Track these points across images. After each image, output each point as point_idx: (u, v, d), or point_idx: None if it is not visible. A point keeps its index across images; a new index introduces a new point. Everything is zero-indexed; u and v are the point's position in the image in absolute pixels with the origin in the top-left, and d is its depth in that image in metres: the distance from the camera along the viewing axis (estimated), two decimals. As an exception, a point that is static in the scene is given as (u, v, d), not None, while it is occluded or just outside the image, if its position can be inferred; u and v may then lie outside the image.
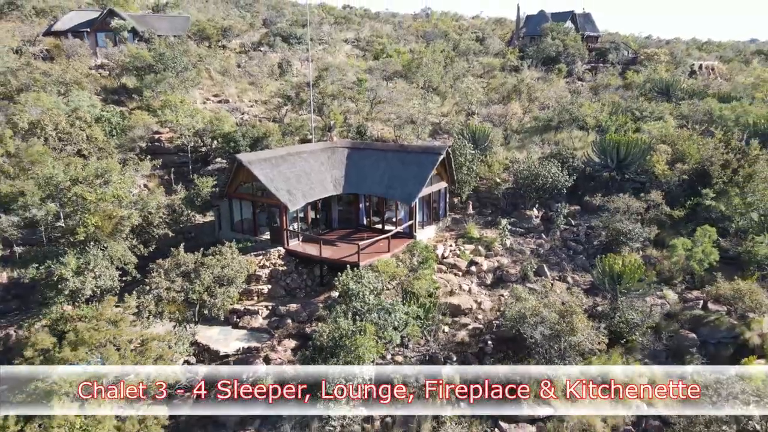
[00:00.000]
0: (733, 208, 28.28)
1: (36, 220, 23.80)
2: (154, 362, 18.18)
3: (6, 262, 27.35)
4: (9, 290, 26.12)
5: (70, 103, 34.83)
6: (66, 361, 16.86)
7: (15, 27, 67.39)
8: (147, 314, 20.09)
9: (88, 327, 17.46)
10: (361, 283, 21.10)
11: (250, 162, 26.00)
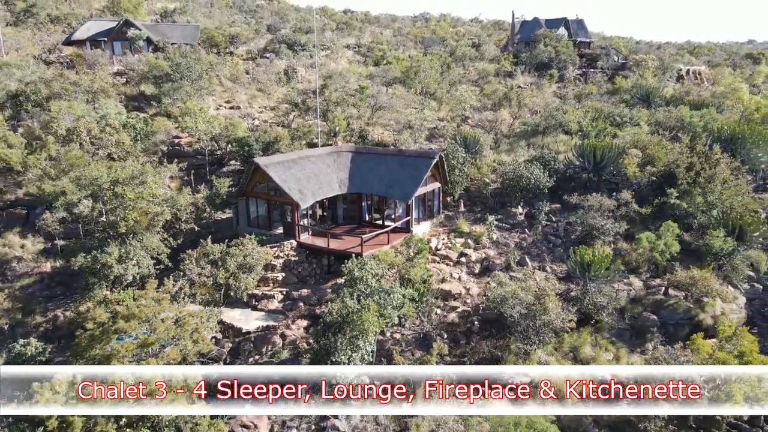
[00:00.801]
0: (696, 207, 31.71)
1: (81, 216, 27.17)
2: (191, 335, 21.64)
3: (49, 254, 30.81)
4: (53, 278, 29.53)
5: (99, 110, 38.27)
6: (121, 331, 20.34)
7: (33, 35, 70.94)
8: (182, 295, 23.54)
9: (137, 304, 20.93)
10: (365, 269, 24.55)
11: (266, 165, 29.48)
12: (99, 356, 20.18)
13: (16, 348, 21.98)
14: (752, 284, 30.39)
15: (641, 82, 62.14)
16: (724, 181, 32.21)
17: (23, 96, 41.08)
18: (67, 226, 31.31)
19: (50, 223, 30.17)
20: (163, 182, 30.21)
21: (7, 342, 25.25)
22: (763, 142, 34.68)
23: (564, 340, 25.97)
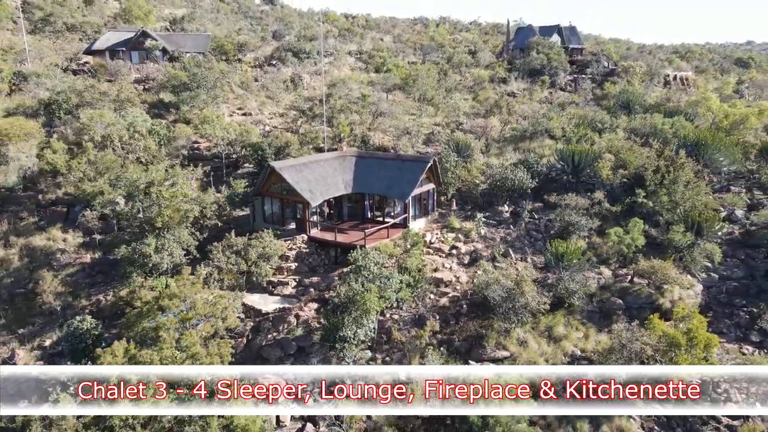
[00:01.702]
0: (662, 205, 35.73)
1: (120, 213, 31.19)
2: (221, 313, 25.66)
3: (88, 247, 34.85)
4: (93, 268, 33.55)
5: (126, 118, 42.29)
6: (165, 308, 24.37)
7: (53, 44, 75.00)
8: (212, 281, 27.57)
9: (178, 286, 24.97)
10: (368, 258, 28.57)
11: (280, 168, 33.52)
12: (147, 329, 24.22)
13: (74, 323, 26.05)
14: (709, 274, 34.44)
15: (628, 88, 66.07)
16: (687, 182, 36.20)
17: (55, 105, 45.15)
18: (103, 222, 35.35)
19: (90, 219, 34.24)
20: (190, 184, 34.12)
21: (59, 321, 29.39)
22: (724, 147, 38.68)
23: (540, 320, 29.96)
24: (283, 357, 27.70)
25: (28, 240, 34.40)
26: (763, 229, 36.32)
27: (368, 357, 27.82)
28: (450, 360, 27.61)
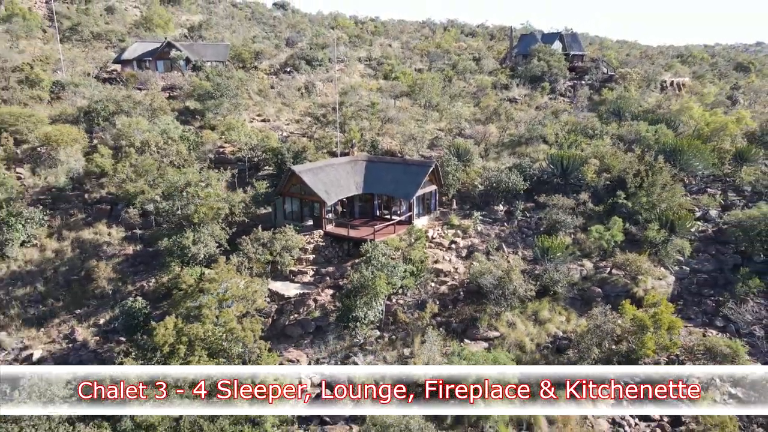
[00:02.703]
0: (641, 206, 39.83)
1: (162, 210, 35.76)
2: (252, 295, 30.10)
3: (130, 240, 39.49)
4: (135, 258, 38.18)
5: (159, 125, 46.92)
6: (206, 290, 28.83)
7: (83, 53, 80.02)
8: (243, 269, 32.09)
9: (216, 271, 29.47)
10: (377, 251, 32.95)
11: (300, 171, 37.99)
12: (191, 307, 28.72)
13: (128, 303, 30.67)
14: (682, 266, 38.52)
15: (624, 94, 69.81)
16: (663, 185, 40.26)
17: (94, 112, 49.93)
18: (144, 218, 39.99)
19: (132, 216, 38.90)
20: (221, 185, 38.64)
21: (111, 303, 34.06)
22: (699, 153, 42.71)
23: (528, 306, 34.19)
24: (303, 334, 32.19)
25: (78, 234, 39.11)
26: (732, 227, 40.27)
27: (376, 335, 32.20)
28: (448, 338, 31.95)
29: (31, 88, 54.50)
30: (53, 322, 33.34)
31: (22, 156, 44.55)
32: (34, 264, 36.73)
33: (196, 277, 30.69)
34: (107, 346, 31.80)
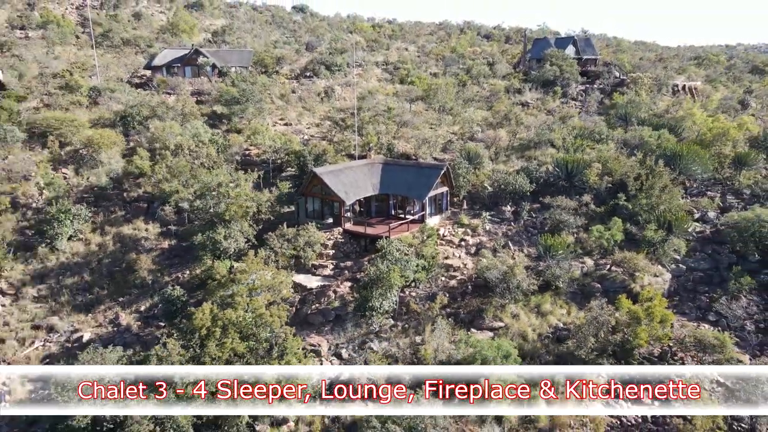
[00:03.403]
0: (640, 207, 42.30)
1: (196, 208, 39.17)
2: (278, 285, 33.29)
3: (165, 236, 43.02)
4: (171, 252, 41.68)
5: (190, 129, 50.48)
6: (237, 281, 32.09)
7: (114, 58, 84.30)
8: (270, 261, 35.33)
9: (247, 263, 32.74)
10: (391, 246, 35.97)
11: (321, 173, 41.16)
12: (224, 296, 32.01)
13: (168, 291, 34.11)
14: (678, 265, 40.90)
15: (635, 99, 71.69)
16: (663, 188, 42.66)
17: (130, 117, 53.70)
18: (178, 215, 43.49)
19: (167, 213, 42.44)
20: (249, 185, 41.93)
21: (151, 291, 37.57)
22: (698, 158, 45.01)
23: (531, 299, 36.95)
24: (324, 322, 35.34)
25: (118, 229, 42.76)
26: (729, 229, 42.52)
27: (391, 324, 35.21)
28: (456, 327, 34.83)
29: (70, 94, 58.48)
30: (99, 308, 36.96)
31: (66, 157, 48.42)
32: (80, 256, 40.41)
33: (227, 269, 33.99)
34: (148, 330, 35.31)
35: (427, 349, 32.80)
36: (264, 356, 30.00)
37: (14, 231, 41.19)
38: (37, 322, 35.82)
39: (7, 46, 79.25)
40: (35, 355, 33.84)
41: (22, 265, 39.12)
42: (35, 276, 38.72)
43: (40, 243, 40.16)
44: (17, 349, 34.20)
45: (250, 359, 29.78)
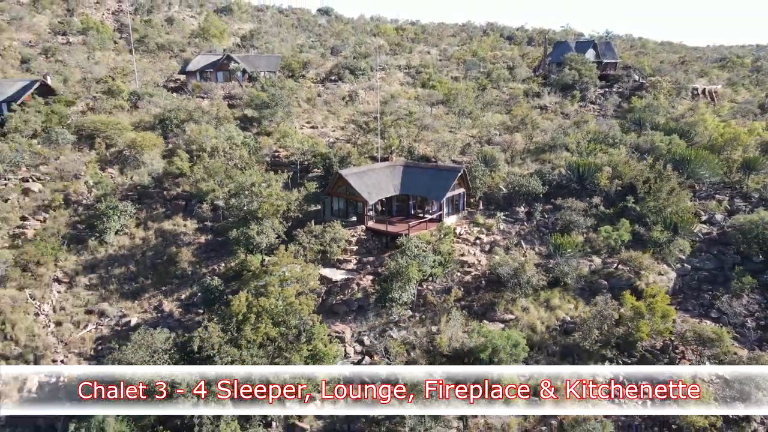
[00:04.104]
0: (648, 209, 44.48)
1: (231, 206, 42.64)
2: (307, 277, 36.49)
3: (202, 231, 46.62)
4: (207, 246, 45.23)
5: (225, 132, 54.10)
6: (270, 272, 35.37)
7: (150, 63, 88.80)
8: (299, 255, 38.60)
9: (279, 256, 36.02)
10: (410, 243, 38.91)
11: (346, 175, 44.32)
12: (258, 286, 35.34)
13: (207, 281, 37.63)
14: (684, 264, 43.00)
15: (653, 103, 73.09)
16: (670, 191, 44.75)
17: (168, 120, 57.61)
18: (213, 212, 47.09)
19: (204, 210, 46.06)
20: (279, 185, 45.27)
21: (190, 281, 41.17)
22: (705, 163, 46.95)
23: (540, 294, 39.54)
24: (347, 312, 38.50)
25: (159, 225, 46.53)
26: (734, 231, 44.43)
27: (409, 314, 38.18)
28: (470, 319, 37.61)
29: (113, 98, 62.72)
30: (144, 296, 40.69)
31: (111, 158, 52.48)
32: (126, 249, 44.25)
33: (259, 262, 37.33)
34: (188, 316, 38.91)
35: (442, 338, 35.63)
36: (293, 341, 33.26)
37: (67, 225, 45.24)
38: (89, 308, 39.70)
39: (51, 52, 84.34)
40: (89, 336, 37.68)
41: (74, 256, 43.10)
42: (87, 266, 42.64)
43: (91, 236, 44.10)
44: (73, 331, 38.09)
45: (281, 343, 33.10)
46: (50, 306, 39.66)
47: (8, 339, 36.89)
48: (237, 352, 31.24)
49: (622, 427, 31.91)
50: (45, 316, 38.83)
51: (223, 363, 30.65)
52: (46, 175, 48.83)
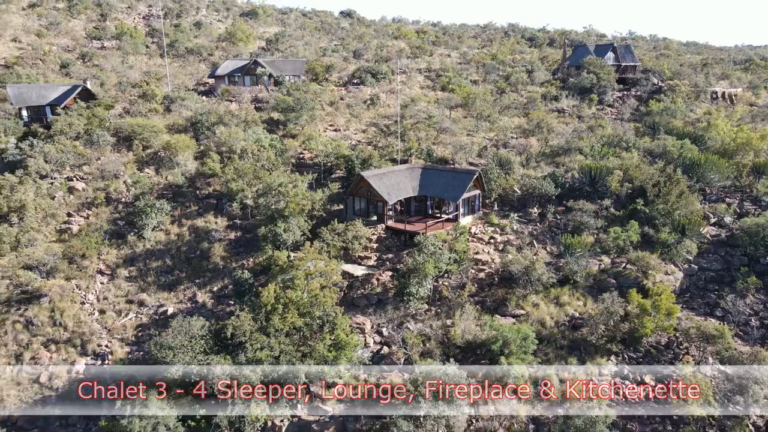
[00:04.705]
0: (657, 212, 46.20)
1: (260, 205, 45.57)
2: (330, 272, 39.17)
3: (232, 228, 49.68)
4: (237, 242, 48.27)
5: (252, 135, 57.18)
6: (296, 267, 38.15)
7: (180, 67, 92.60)
8: (323, 251, 41.34)
9: (304, 252, 38.78)
10: (427, 241, 41.36)
11: (367, 176, 46.94)
12: (285, 279, 38.16)
13: (238, 274, 40.60)
14: (691, 265, 44.65)
15: (670, 106, 74.20)
16: (679, 194, 46.41)
17: (199, 123, 60.95)
18: (242, 210, 50.13)
19: (234, 209, 49.13)
20: (304, 186, 48.09)
21: (222, 275, 44.21)
22: (714, 167, 48.46)
23: (550, 291, 41.64)
24: (368, 305, 41.13)
25: (193, 222, 49.75)
26: (742, 233, 45.90)
27: (425, 308, 40.63)
28: (483, 313, 39.87)
29: (147, 102, 66.36)
30: (179, 287, 43.86)
31: (147, 159, 55.96)
32: (162, 244, 47.54)
33: (286, 258, 40.14)
34: (220, 307, 41.96)
35: (455, 331, 38.09)
36: (317, 330, 36.01)
37: (108, 221, 48.74)
38: (130, 298, 43.01)
39: (88, 57, 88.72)
40: (130, 324, 40.96)
41: (115, 250, 46.52)
42: (126, 259, 46.01)
43: (130, 232, 47.51)
44: (115, 319, 41.41)
45: (306, 332, 35.89)
46: (94, 296, 43.06)
47: (57, 325, 40.35)
48: (266, 340, 34.13)
49: (625, 417, 34.14)
50: (90, 304, 42.21)
51: (254, 349, 33.59)
52: (88, 175, 52.49)
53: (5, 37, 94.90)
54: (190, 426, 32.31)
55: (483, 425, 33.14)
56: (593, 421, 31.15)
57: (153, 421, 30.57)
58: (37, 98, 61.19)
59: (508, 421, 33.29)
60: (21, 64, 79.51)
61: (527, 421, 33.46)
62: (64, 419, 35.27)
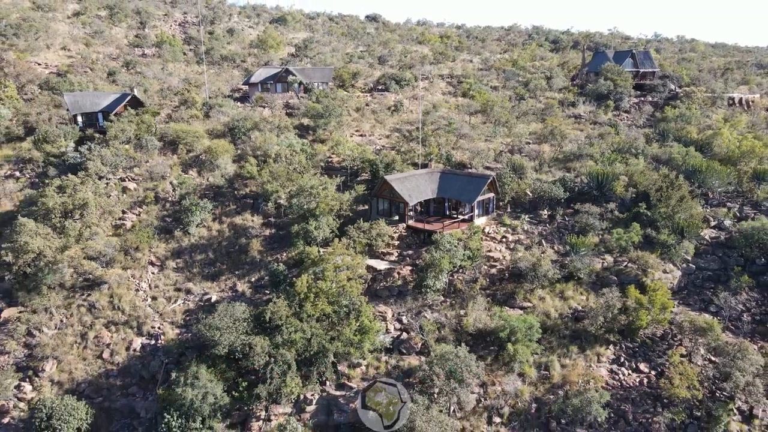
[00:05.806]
0: (659, 215, 49.76)
1: (294, 205, 50.52)
2: (356, 266, 43.84)
3: (267, 226, 54.79)
4: (271, 239, 53.34)
5: (285, 140, 62.25)
6: (326, 260, 42.90)
7: (216, 74, 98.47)
8: (350, 247, 46.08)
9: (334, 247, 43.54)
10: (444, 239, 45.74)
11: (390, 180, 51.51)
12: (316, 271, 42.94)
13: (273, 266, 45.61)
14: (689, 264, 48.11)
15: (686, 112, 76.78)
16: (681, 198, 49.88)
17: (236, 128, 66.32)
18: (276, 210, 55.22)
19: (269, 208, 54.24)
20: (333, 188, 52.86)
21: (259, 267, 49.31)
22: (715, 173, 51.74)
23: (556, 286, 45.61)
24: (389, 296, 45.73)
25: (231, 219, 55.03)
26: (740, 235, 49.12)
27: (441, 300, 45.01)
28: (493, 305, 44.09)
29: (189, 108, 72.08)
30: (221, 278, 49.11)
31: (190, 161, 61.52)
32: (205, 239, 52.90)
33: (316, 252, 44.97)
34: (257, 296, 47.00)
35: (468, 320, 42.43)
36: (344, 317, 40.75)
37: (157, 218, 54.32)
38: (177, 286, 48.39)
39: (131, 65, 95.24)
40: (179, 309, 46.30)
41: (164, 244, 52.02)
42: (174, 252, 51.47)
43: (176, 228, 52.97)
44: (166, 305, 46.79)
45: (335, 318, 40.66)
46: (147, 284, 48.57)
47: (116, 309, 45.91)
48: (299, 324, 39.03)
49: (620, 399, 38.07)
50: (143, 291, 47.73)
51: (288, 332, 38.52)
52: (138, 176, 58.24)
53: (55, 45, 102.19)
54: (234, 396, 37.52)
55: (490, 403, 37.52)
56: (589, 401, 35.26)
57: (203, 391, 35.74)
58: (90, 105, 67.36)
59: (512, 399, 37.59)
60: (72, 72, 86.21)
61: (530, 401, 37.70)
62: (125, 389, 40.67)
